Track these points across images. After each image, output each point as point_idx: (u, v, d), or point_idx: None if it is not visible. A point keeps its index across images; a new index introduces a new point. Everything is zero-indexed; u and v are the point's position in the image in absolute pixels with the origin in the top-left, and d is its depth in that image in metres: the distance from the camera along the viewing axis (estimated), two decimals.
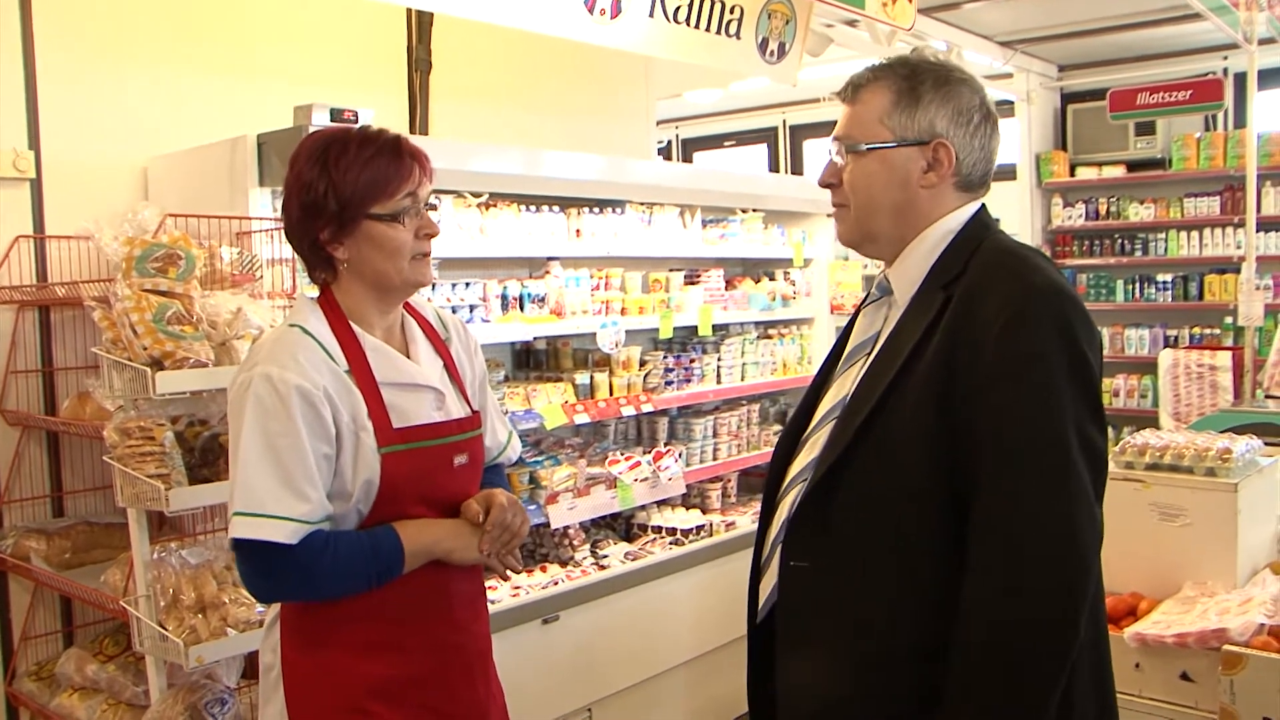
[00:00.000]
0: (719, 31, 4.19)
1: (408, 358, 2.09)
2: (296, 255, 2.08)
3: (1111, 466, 3.07)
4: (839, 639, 1.75)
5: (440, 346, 2.18)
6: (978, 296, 1.68)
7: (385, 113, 4.26)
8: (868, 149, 1.80)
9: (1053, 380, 1.61)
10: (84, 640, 3.42)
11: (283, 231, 2.18)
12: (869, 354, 1.83)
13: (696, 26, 4.07)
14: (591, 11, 3.65)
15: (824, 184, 1.90)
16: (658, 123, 11.00)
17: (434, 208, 2.07)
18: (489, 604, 3.48)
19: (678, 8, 3.98)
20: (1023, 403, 1.61)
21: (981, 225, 1.81)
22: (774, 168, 10.73)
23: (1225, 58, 8.09)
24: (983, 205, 1.85)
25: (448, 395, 2.11)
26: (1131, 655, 2.66)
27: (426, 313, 2.22)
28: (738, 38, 4.29)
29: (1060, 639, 1.58)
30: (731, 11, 4.21)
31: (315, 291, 2.09)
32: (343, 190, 1.94)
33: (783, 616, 1.84)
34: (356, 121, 3.08)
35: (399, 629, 2.02)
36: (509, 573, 2.21)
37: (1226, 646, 2.51)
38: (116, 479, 2.72)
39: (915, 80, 1.79)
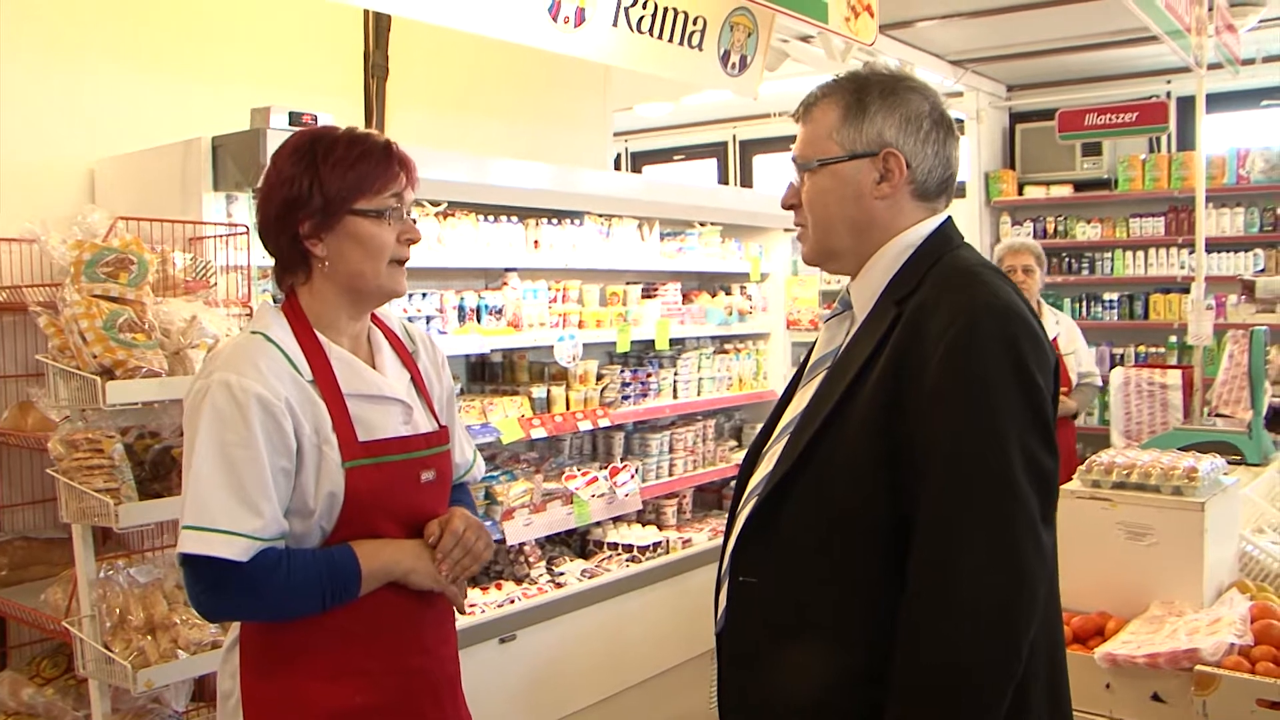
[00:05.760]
0: (681, 43, 4.15)
1: (374, 369, 2.01)
2: (271, 254, 2.01)
3: (1078, 485, 3.07)
4: (782, 657, 1.71)
5: (407, 359, 2.11)
6: (926, 313, 1.63)
7: (341, 118, 4.08)
8: (819, 165, 1.78)
9: (997, 401, 1.56)
10: (19, 662, 3.27)
11: (255, 231, 2.11)
12: (828, 368, 1.80)
13: (659, 37, 4.03)
14: (555, 19, 3.59)
15: (786, 206, 1.88)
16: None
17: (415, 220, 2.01)
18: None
19: (641, 18, 3.94)
20: (965, 424, 1.56)
21: (943, 240, 1.77)
22: (724, 183, 10.73)
23: (1169, 81, 8.24)
24: (948, 219, 1.81)
25: (415, 409, 2.05)
26: (1102, 676, 2.64)
27: (393, 325, 2.15)
28: (700, 49, 4.26)
29: (999, 674, 1.53)
30: (694, 23, 4.18)
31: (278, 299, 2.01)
32: (329, 185, 1.90)
33: (729, 631, 1.80)
34: (316, 124, 3.00)
35: (365, 654, 1.94)
36: (466, 604, 2.13)
37: (1199, 667, 2.49)
38: (61, 493, 2.60)
39: (862, 92, 1.76)
